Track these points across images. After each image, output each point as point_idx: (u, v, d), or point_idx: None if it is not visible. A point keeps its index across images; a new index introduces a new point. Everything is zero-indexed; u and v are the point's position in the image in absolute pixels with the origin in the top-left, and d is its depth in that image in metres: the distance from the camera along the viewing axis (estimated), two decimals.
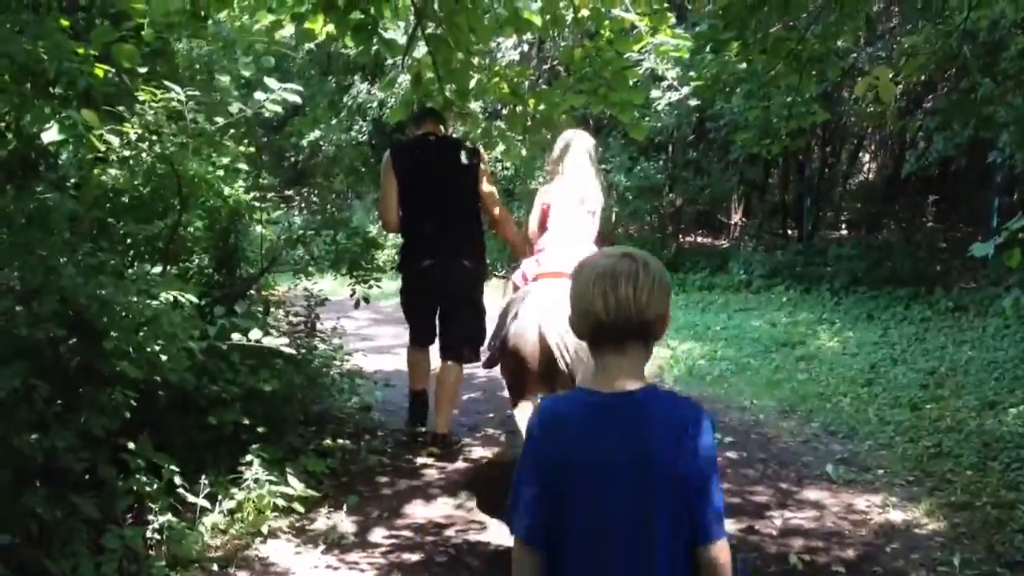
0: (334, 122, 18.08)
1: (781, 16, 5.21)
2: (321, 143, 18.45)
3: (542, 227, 4.84)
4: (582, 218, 4.72)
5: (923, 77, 8.93)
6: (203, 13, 5.64)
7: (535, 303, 4.28)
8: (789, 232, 13.98)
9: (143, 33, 4.78)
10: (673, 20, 5.87)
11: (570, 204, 4.70)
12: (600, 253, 1.91)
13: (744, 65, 5.79)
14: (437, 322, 5.69)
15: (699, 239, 15.86)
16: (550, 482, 1.81)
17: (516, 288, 4.85)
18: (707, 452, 1.80)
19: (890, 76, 4.84)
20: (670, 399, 1.89)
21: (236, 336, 4.48)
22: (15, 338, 3.46)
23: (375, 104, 16.98)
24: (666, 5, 5.72)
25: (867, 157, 16.01)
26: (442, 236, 5.45)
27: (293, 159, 19.83)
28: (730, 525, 4.58)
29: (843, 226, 14.79)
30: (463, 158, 5.44)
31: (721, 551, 1.80)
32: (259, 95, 4.66)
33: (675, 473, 1.76)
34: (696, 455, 1.78)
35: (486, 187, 5.59)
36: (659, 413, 1.82)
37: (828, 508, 4.82)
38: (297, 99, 4.76)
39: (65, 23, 4.31)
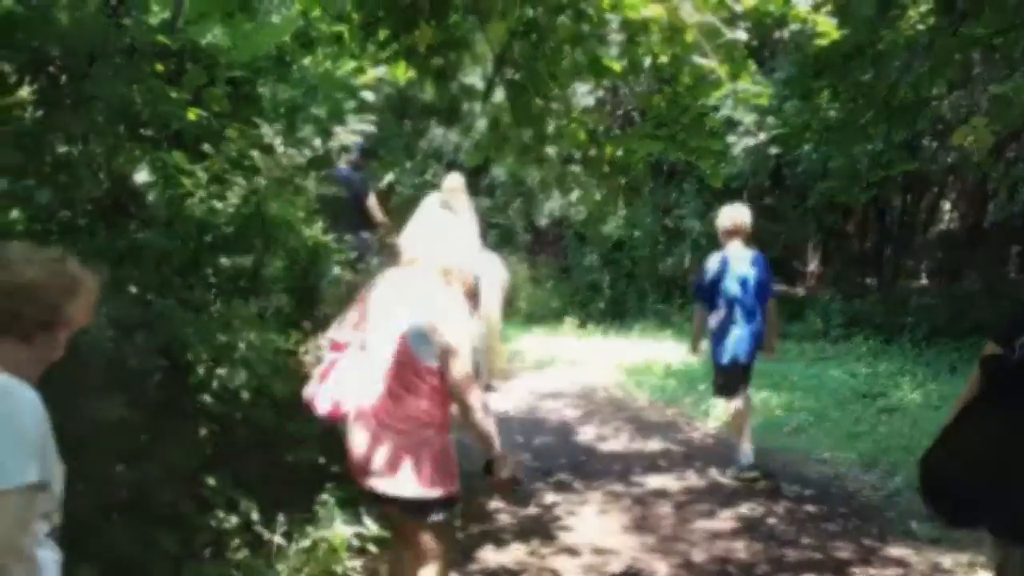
0: (409, 165, 18.33)
1: (874, 65, 5.15)
2: (396, 186, 18.71)
3: None
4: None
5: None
6: (288, 59, 5.83)
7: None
8: (868, 280, 13.70)
9: (231, 77, 4.92)
10: (753, 67, 5.85)
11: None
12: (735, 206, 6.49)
13: (833, 113, 5.75)
14: None
15: (774, 286, 15.59)
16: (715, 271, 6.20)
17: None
18: (766, 267, 6.31)
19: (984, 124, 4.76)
20: (756, 252, 6.28)
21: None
22: (118, 369, 3.53)
23: (451, 148, 17.20)
24: (746, 52, 5.69)
25: (948, 205, 15.65)
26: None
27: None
28: None
29: (923, 275, 14.45)
30: (358, 182, 7.89)
31: (772, 304, 6.43)
32: (338, 128, 4.91)
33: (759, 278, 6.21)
34: (763, 268, 6.25)
35: (372, 202, 8.10)
36: (751, 254, 6.18)
37: (913, 567, 4.67)
38: (372, 128, 5.41)
39: (159, 67, 4.46)
